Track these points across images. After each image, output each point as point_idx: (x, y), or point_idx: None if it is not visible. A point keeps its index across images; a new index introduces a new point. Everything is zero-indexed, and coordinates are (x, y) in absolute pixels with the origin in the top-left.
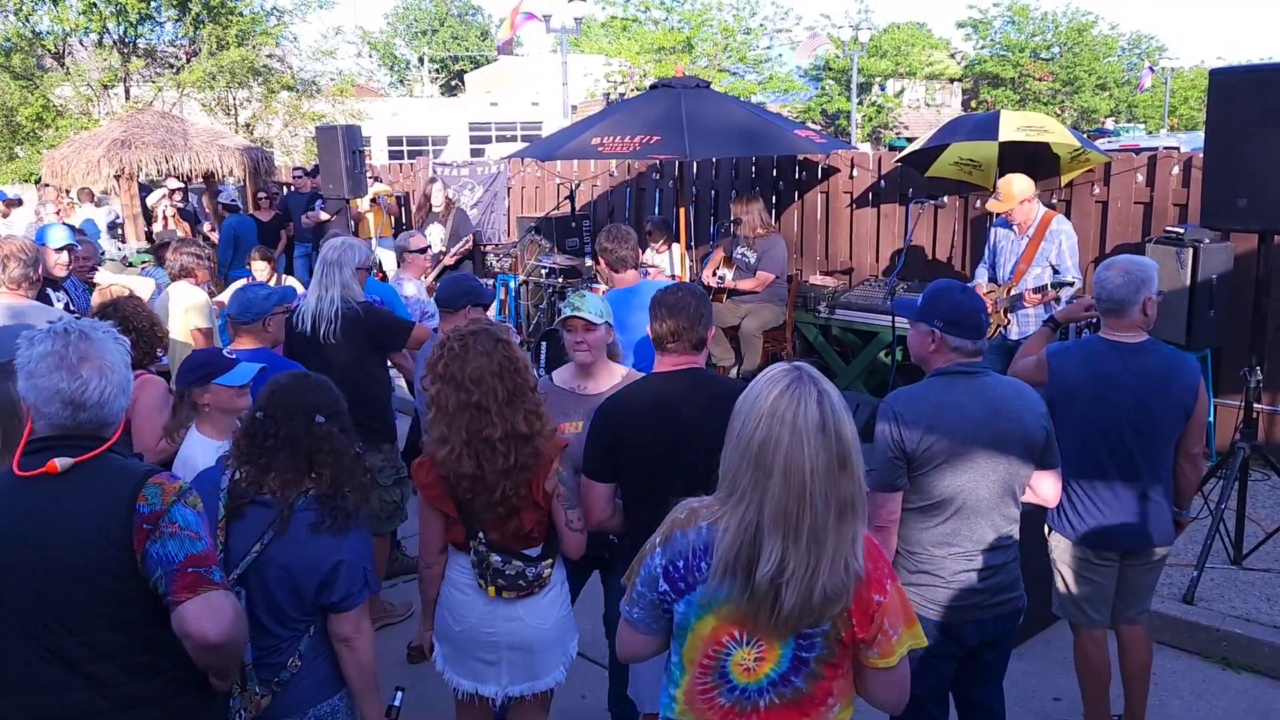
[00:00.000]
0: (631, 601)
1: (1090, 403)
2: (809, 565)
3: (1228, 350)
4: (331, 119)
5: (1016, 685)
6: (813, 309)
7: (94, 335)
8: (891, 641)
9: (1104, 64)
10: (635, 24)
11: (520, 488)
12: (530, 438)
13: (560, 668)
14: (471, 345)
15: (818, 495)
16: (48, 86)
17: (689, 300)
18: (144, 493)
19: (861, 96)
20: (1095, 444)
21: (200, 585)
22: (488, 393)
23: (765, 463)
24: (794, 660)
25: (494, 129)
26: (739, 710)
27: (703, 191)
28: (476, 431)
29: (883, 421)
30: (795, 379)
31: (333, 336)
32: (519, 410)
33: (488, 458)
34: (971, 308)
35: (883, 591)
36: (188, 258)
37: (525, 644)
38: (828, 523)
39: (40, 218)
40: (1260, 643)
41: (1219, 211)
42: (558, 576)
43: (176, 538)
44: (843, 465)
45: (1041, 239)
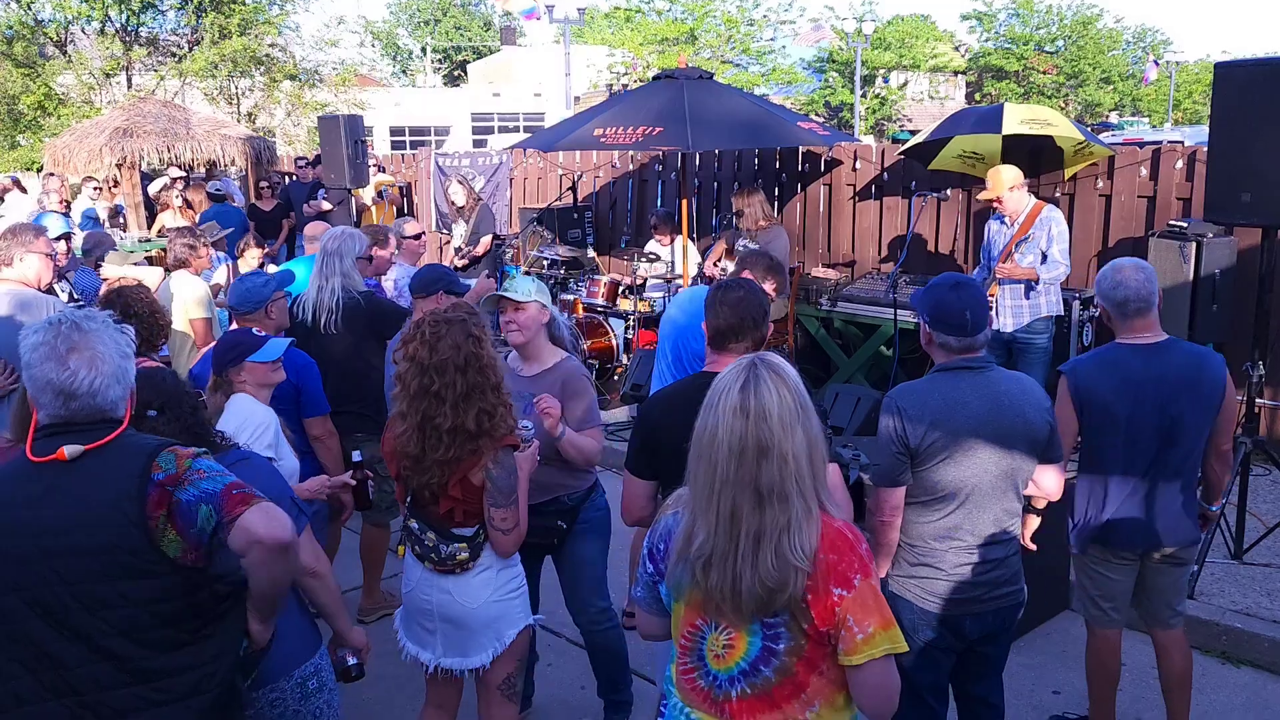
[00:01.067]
0: (636, 580)
1: (1122, 405)
2: (728, 548)
3: (1230, 345)
4: (334, 108)
5: (1016, 679)
6: (815, 302)
7: (86, 326)
8: (856, 639)
9: (1108, 57)
10: (638, 15)
11: (446, 477)
12: (475, 436)
13: (489, 651)
14: (444, 335)
15: (732, 478)
16: (50, 75)
17: (752, 298)
18: (158, 461)
19: (865, 89)
20: (1125, 447)
21: (251, 500)
22: (448, 384)
23: (695, 449)
24: (763, 650)
25: (496, 119)
26: (714, 696)
27: (705, 183)
28: (430, 418)
29: (886, 416)
30: (743, 367)
31: (333, 326)
32: (473, 407)
33: (431, 444)
34: (956, 304)
35: (846, 585)
36: (182, 248)
37: (454, 619)
38: (742, 505)
39: (43, 206)
40: (1260, 637)
41: (1222, 206)
42: (491, 561)
43: (209, 478)
44: (762, 452)
45: (1030, 226)
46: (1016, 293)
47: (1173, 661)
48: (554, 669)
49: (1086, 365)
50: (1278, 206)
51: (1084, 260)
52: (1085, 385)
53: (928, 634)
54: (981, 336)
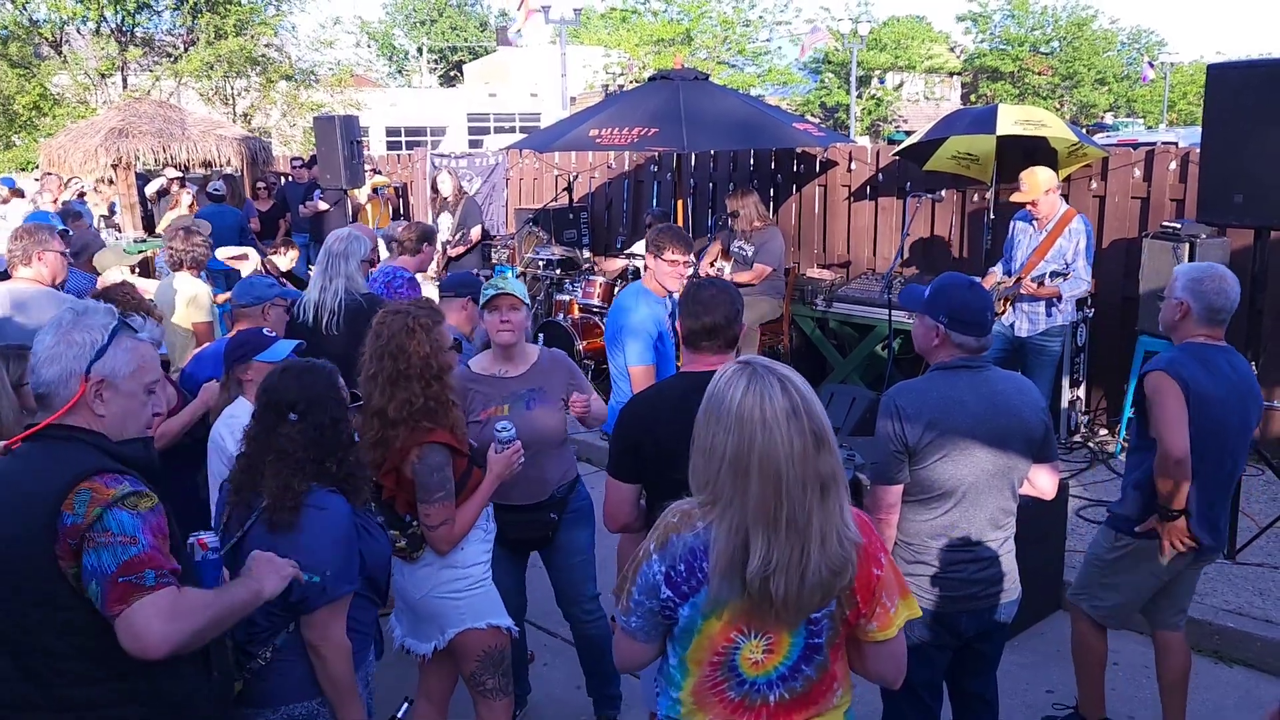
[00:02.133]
0: (629, 610)
1: (1223, 405)
2: (794, 553)
3: None
4: (330, 109)
5: (1010, 677)
6: (810, 302)
7: (68, 313)
8: (890, 614)
9: (1103, 59)
10: (634, 15)
11: (378, 462)
12: (395, 423)
13: (432, 643)
14: (386, 323)
15: (794, 483)
16: (45, 75)
17: (724, 295)
18: (73, 499)
19: (861, 90)
20: (1214, 450)
21: (132, 594)
22: (381, 369)
23: (742, 466)
24: (805, 648)
25: (492, 120)
26: (749, 704)
27: (701, 184)
28: (368, 399)
29: (884, 415)
30: (752, 374)
31: (334, 328)
32: (397, 394)
33: (367, 426)
34: (978, 305)
35: (879, 565)
36: (200, 250)
37: (408, 604)
38: (809, 505)
39: (37, 206)
40: (1252, 636)
41: (1215, 207)
42: (433, 559)
43: (109, 547)
44: (819, 443)
45: (1059, 235)
46: (1037, 303)
47: (1175, 662)
48: (550, 668)
49: (1184, 360)
50: (1270, 208)
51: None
52: (1192, 381)
53: (923, 631)
54: (989, 337)
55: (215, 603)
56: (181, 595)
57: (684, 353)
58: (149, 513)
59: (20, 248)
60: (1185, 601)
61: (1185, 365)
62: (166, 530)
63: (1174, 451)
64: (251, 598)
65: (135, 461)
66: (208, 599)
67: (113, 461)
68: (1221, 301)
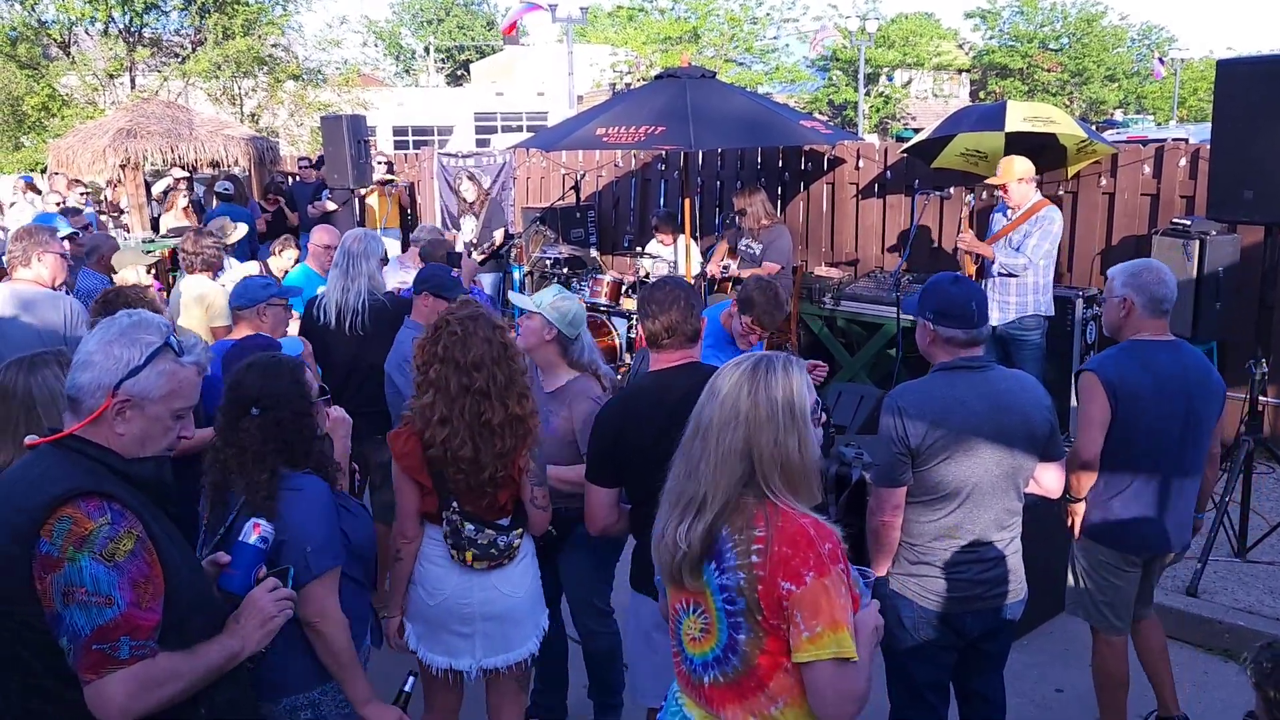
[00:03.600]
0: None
1: (1154, 405)
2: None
3: (1233, 343)
4: (337, 108)
5: (1018, 677)
6: (818, 300)
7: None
8: (802, 637)
9: (1113, 55)
10: (641, 13)
11: (508, 468)
12: (524, 419)
13: (534, 638)
14: (472, 330)
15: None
16: (53, 75)
17: (678, 292)
18: (52, 525)
19: (869, 87)
20: (1156, 446)
21: (104, 666)
22: (489, 378)
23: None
24: (729, 638)
25: (499, 119)
26: (693, 681)
27: (708, 182)
28: (477, 415)
29: (887, 416)
30: (753, 356)
31: (360, 328)
32: (514, 393)
33: (485, 441)
34: (960, 298)
35: (796, 581)
36: (210, 251)
37: (500, 614)
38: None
39: (50, 205)
40: (1264, 635)
41: (1225, 203)
42: (527, 547)
43: (84, 606)
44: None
45: (1025, 221)
46: (1002, 287)
47: (1152, 640)
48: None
49: (1115, 358)
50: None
51: (1087, 258)
52: (1117, 378)
53: (928, 632)
54: (984, 330)
55: (188, 671)
56: (154, 665)
57: (651, 353)
58: (127, 560)
59: (20, 249)
60: (1149, 596)
61: (1116, 365)
62: (148, 571)
63: (1083, 452)
64: (227, 660)
65: (145, 481)
66: (180, 668)
67: (111, 482)
68: (1163, 291)
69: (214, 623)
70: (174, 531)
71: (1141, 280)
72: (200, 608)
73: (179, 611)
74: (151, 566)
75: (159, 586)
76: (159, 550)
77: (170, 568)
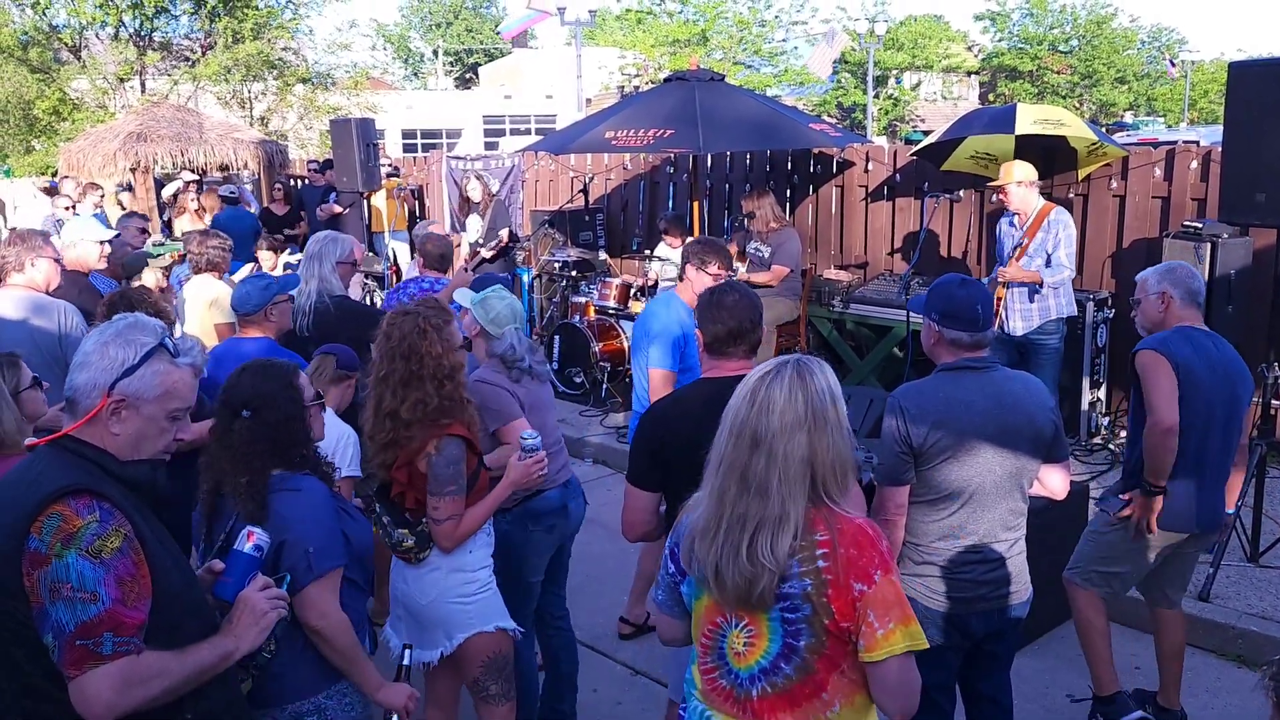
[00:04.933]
0: (658, 584)
1: (1208, 387)
2: (716, 527)
3: (1245, 346)
4: (346, 112)
5: (1028, 682)
6: (827, 303)
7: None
8: (876, 635)
9: (1123, 57)
10: (650, 16)
11: (389, 461)
12: (409, 423)
13: (438, 649)
14: (397, 325)
15: (727, 459)
16: (64, 80)
17: (747, 301)
18: (42, 522)
19: (878, 90)
20: (1207, 427)
21: (86, 661)
22: (393, 371)
23: (721, 426)
24: (784, 646)
25: (508, 122)
26: (736, 695)
27: (717, 185)
28: (380, 402)
29: (889, 416)
30: (779, 361)
31: (305, 330)
32: (410, 395)
33: (378, 427)
34: (966, 300)
35: (867, 581)
36: (214, 252)
37: (411, 611)
38: (729, 487)
39: (54, 211)
40: (1277, 640)
41: (1237, 206)
42: (439, 562)
43: (68, 602)
44: (755, 442)
45: (1038, 229)
46: (1023, 295)
47: (1174, 636)
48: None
49: (1173, 340)
50: None
51: (1098, 261)
52: (1180, 355)
53: (934, 633)
54: (989, 333)
55: (176, 669)
56: (138, 662)
57: (706, 359)
58: (114, 557)
59: (14, 253)
60: (1183, 582)
61: (1175, 344)
62: (134, 570)
63: (1164, 420)
64: (220, 660)
65: (139, 483)
66: (168, 666)
67: (104, 482)
68: (1196, 284)
69: (206, 628)
70: (165, 535)
71: (1176, 275)
72: (192, 613)
73: (170, 615)
74: (139, 566)
75: (146, 587)
76: (148, 552)
77: (159, 570)
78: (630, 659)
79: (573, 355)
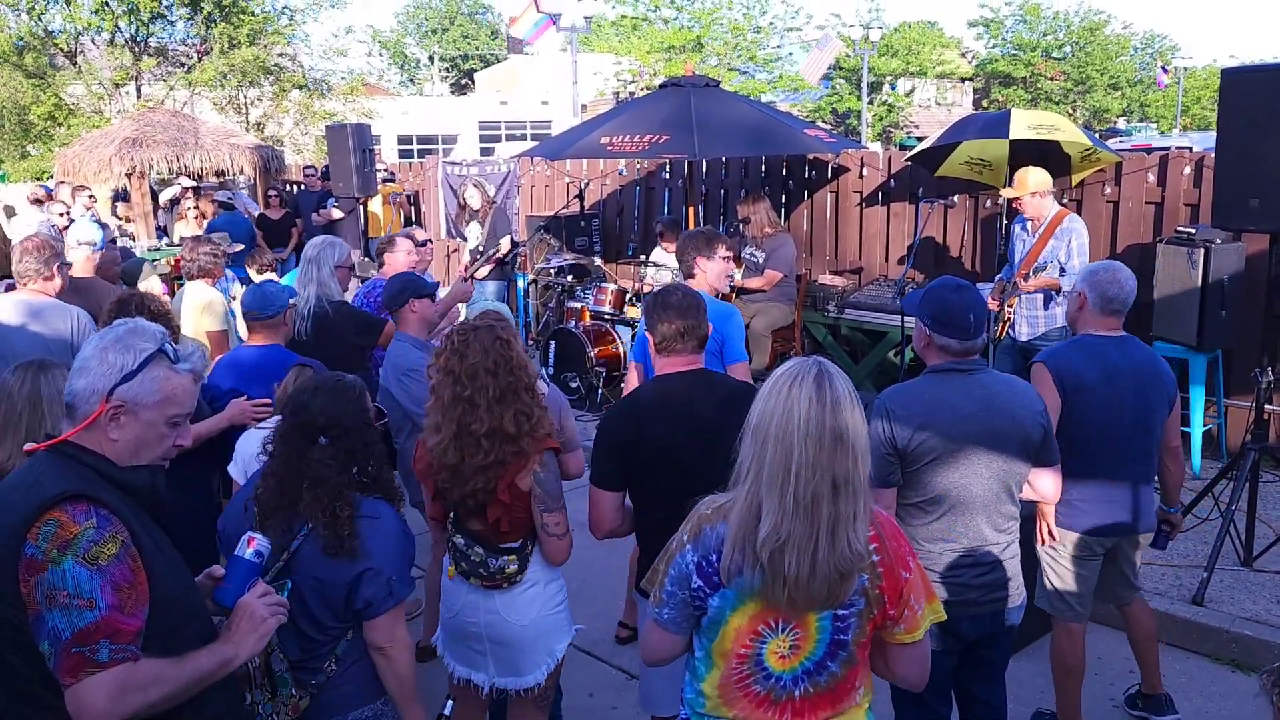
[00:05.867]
0: (661, 602)
1: (1103, 395)
2: (806, 532)
3: (1239, 351)
4: (342, 117)
5: (1024, 686)
6: (822, 308)
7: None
8: (917, 616)
9: (1116, 63)
10: (645, 23)
11: (491, 484)
12: (515, 437)
13: (542, 668)
14: (472, 341)
15: (805, 464)
16: (60, 85)
17: (691, 299)
18: (39, 529)
19: (872, 96)
20: (1107, 434)
21: (82, 669)
22: (480, 389)
23: (761, 435)
24: (831, 644)
25: (504, 128)
26: (774, 698)
27: (712, 190)
28: (465, 425)
29: (876, 418)
30: (802, 362)
31: (303, 334)
32: (509, 409)
33: (469, 451)
34: (958, 306)
35: (908, 568)
36: (206, 258)
37: (504, 639)
38: (823, 492)
39: (49, 217)
40: (1271, 644)
41: (1230, 211)
42: (539, 575)
43: (64, 609)
44: (838, 439)
45: (1051, 236)
46: (1035, 302)
47: (1141, 624)
48: (562, 676)
49: (1064, 351)
50: None
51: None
52: (1066, 370)
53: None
54: (980, 340)
55: (174, 676)
56: (135, 669)
57: (657, 358)
58: (111, 563)
59: (42, 260)
60: (1130, 576)
61: (1063, 356)
62: (132, 576)
63: None
64: (219, 667)
65: (138, 489)
66: (165, 673)
67: (102, 488)
68: (1115, 291)
69: (205, 635)
70: (164, 541)
71: (1097, 279)
72: (191, 619)
73: (167, 622)
74: (136, 573)
75: (143, 594)
76: (145, 559)
77: (156, 576)
78: (627, 664)
79: (568, 360)
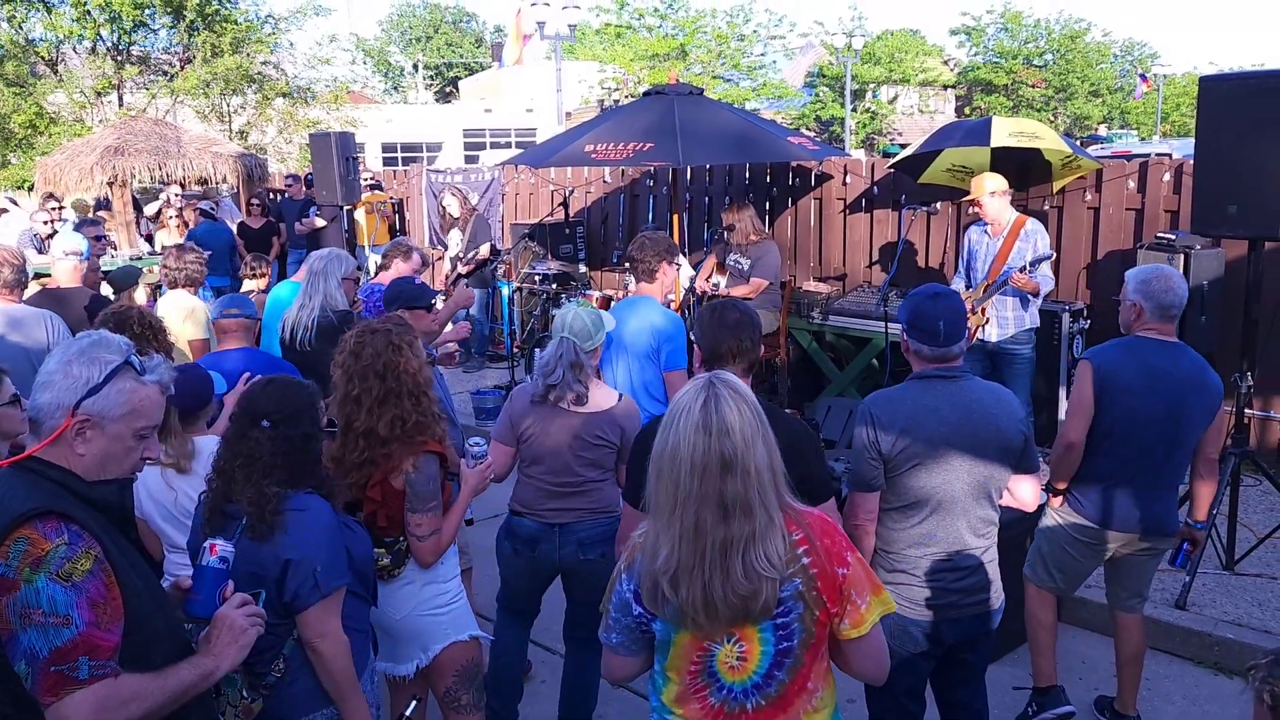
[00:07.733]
0: (609, 628)
1: (1142, 394)
2: (694, 561)
3: (1219, 356)
4: (326, 126)
5: (1008, 692)
6: (806, 315)
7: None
8: (861, 610)
9: (1097, 70)
10: (629, 31)
11: (363, 480)
12: (386, 440)
13: (413, 663)
14: (367, 343)
15: (692, 492)
16: (41, 93)
17: (747, 319)
18: (9, 546)
19: (855, 103)
20: (1139, 437)
21: (63, 687)
22: (366, 390)
23: (656, 468)
24: (776, 654)
25: (488, 135)
26: (728, 710)
27: (696, 198)
28: (349, 422)
29: (859, 423)
30: (693, 388)
31: (307, 344)
32: (388, 412)
33: (350, 447)
34: (932, 314)
35: (844, 564)
36: (192, 267)
37: (383, 626)
38: (706, 518)
39: (32, 225)
40: (1252, 647)
41: (1209, 218)
42: (415, 575)
43: (41, 628)
44: (726, 467)
45: (1016, 239)
46: (1014, 304)
47: (1131, 641)
48: (547, 685)
49: (1109, 351)
50: (1264, 218)
51: (1073, 272)
52: (1108, 369)
53: (905, 639)
54: (956, 348)
55: (155, 691)
56: (116, 685)
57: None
58: (85, 580)
59: (9, 270)
60: (1139, 587)
61: (1108, 354)
62: (106, 592)
63: (1065, 435)
64: (200, 680)
65: (106, 505)
66: (146, 687)
67: (71, 504)
68: (1169, 298)
69: (180, 648)
70: (135, 556)
71: (1150, 288)
72: (165, 634)
73: (142, 636)
74: (110, 588)
75: (118, 609)
76: (118, 574)
77: (130, 591)
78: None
79: None
